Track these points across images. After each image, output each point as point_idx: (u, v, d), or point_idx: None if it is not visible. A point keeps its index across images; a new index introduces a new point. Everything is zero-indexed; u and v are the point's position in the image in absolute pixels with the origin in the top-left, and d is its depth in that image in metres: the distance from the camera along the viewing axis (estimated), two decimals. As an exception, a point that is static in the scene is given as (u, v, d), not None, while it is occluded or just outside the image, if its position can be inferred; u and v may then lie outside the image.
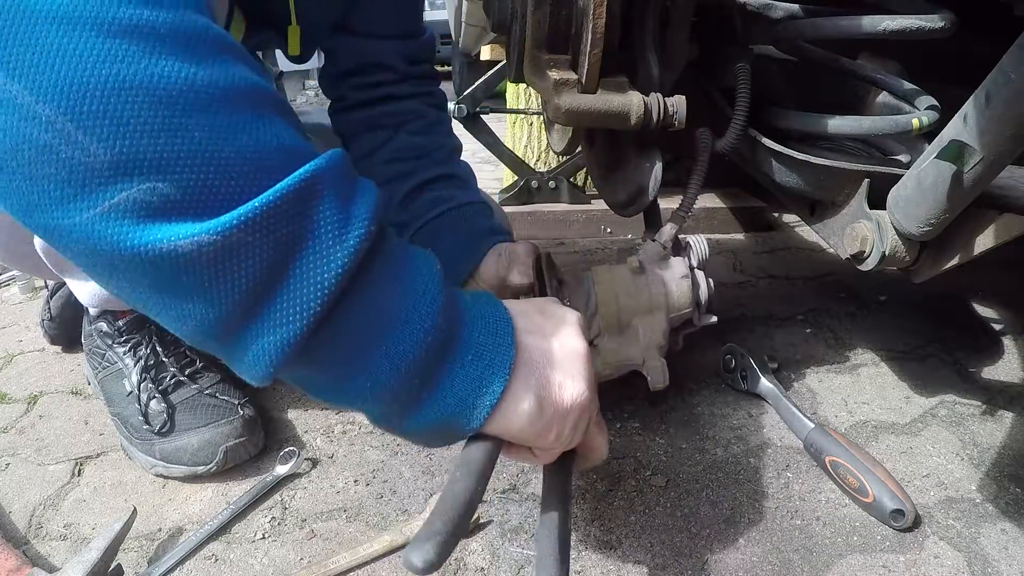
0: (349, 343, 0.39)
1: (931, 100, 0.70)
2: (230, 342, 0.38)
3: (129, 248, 0.34)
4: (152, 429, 0.79)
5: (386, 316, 0.40)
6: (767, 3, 0.76)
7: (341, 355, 0.39)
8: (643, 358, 0.76)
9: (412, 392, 0.42)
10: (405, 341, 0.40)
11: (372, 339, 0.40)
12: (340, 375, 0.40)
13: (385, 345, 0.40)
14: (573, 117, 0.70)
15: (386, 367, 0.40)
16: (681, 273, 0.78)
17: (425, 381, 0.42)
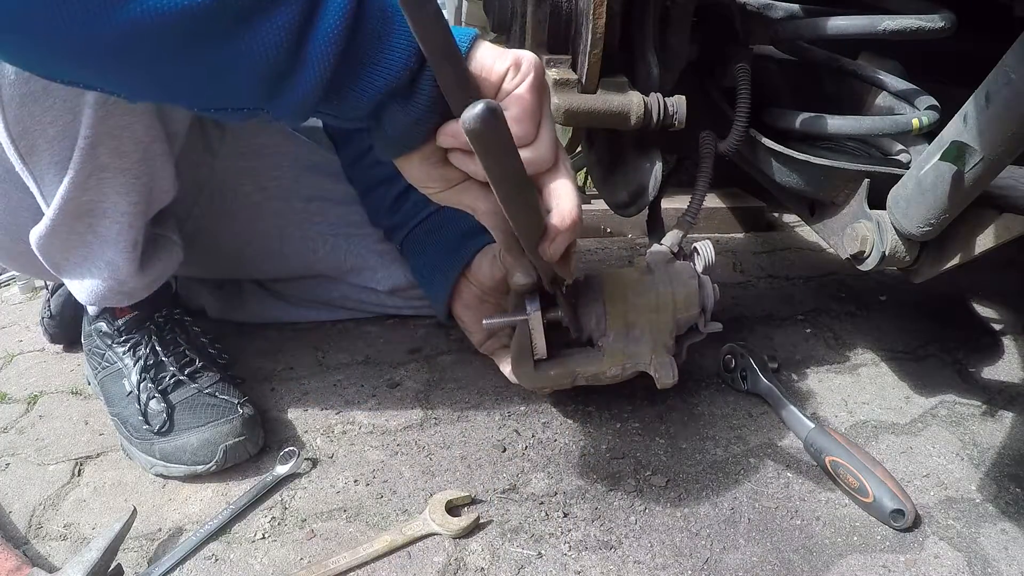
0: (364, 46, 0.47)
1: (931, 100, 0.71)
2: (277, 87, 0.46)
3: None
4: (152, 429, 0.79)
5: (386, 24, 0.47)
6: (767, 3, 0.76)
7: (362, 55, 0.47)
8: (651, 356, 0.76)
9: (376, 108, 0.50)
10: (397, 53, 0.47)
11: (382, 37, 0.47)
12: (341, 82, 0.48)
13: (379, 56, 0.47)
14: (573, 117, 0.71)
15: (367, 91, 0.48)
16: (688, 275, 0.78)
17: (372, 115, 0.51)
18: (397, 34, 0.47)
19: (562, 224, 0.54)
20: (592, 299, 0.78)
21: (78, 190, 0.68)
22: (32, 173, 0.68)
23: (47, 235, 0.72)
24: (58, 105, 0.63)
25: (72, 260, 0.76)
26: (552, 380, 0.78)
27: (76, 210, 0.70)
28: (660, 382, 0.76)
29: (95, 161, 0.67)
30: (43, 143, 0.65)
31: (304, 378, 0.98)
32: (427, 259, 0.97)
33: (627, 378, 0.79)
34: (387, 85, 0.48)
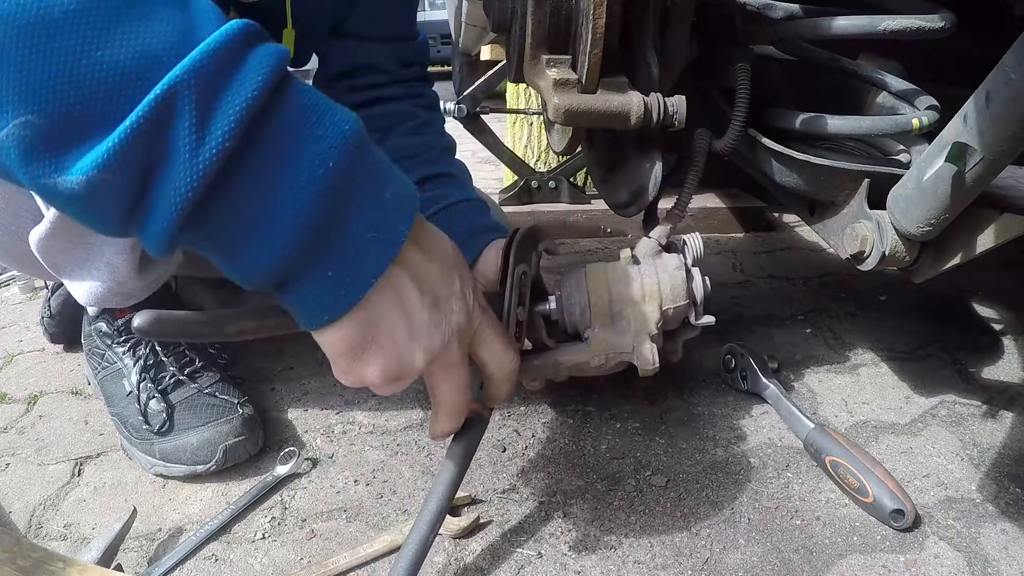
0: (214, 239, 0.40)
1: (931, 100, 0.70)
2: (128, 234, 0.39)
3: (23, 179, 0.35)
4: (152, 429, 0.79)
5: (246, 220, 0.39)
6: (767, 3, 0.76)
7: (211, 246, 0.40)
8: (632, 346, 0.76)
9: (266, 285, 0.43)
10: (260, 250, 0.40)
11: (230, 242, 0.40)
12: (214, 257, 0.41)
13: (238, 252, 0.40)
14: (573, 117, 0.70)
15: (240, 267, 0.41)
16: (675, 265, 0.77)
17: (282, 283, 0.42)
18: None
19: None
20: (576, 290, 0.77)
21: None
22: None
23: (47, 237, 0.71)
24: None
25: (72, 261, 0.76)
26: (535, 371, 0.77)
27: None
28: (641, 369, 0.75)
29: None
30: None
31: (304, 378, 0.98)
32: None
33: (613, 369, 0.78)
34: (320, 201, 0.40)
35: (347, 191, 0.41)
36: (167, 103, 0.34)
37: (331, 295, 0.43)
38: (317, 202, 0.39)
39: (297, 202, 0.39)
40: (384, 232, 0.44)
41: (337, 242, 0.41)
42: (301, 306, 0.43)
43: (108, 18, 0.34)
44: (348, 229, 0.41)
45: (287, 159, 0.39)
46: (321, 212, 0.39)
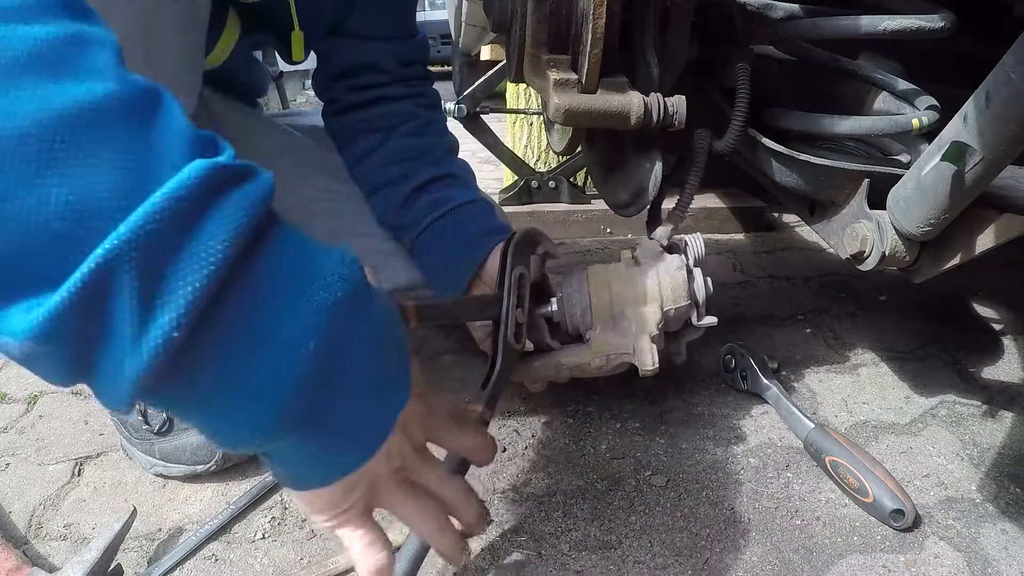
0: (181, 412, 0.36)
1: (931, 100, 0.70)
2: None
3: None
4: (151, 429, 0.79)
5: (211, 407, 0.35)
6: (767, 3, 0.76)
7: (179, 413, 0.37)
8: (633, 346, 0.76)
9: (243, 451, 0.41)
10: (229, 431, 0.36)
11: (199, 419, 0.36)
12: (189, 418, 0.37)
13: (211, 427, 0.36)
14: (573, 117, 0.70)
15: (216, 438, 0.37)
16: (676, 266, 0.77)
17: (263, 450, 0.39)
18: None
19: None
20: (577, 291, 0.77)
21: None
22: None
23: None
24: None
25: None
26: (536, 372, 0.77)
27: None
28: (641, 369, 0.75)
29: None
30: None
31: (304, 378, 0.98)
32: (440, 259, 0.97)
33: (614, 370, 0.78)
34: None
35: (330, 374, 0.36)
36: (102, 277, 0.29)
37: (317, 470, 0.41)
38: (296, 390, 0.34)
39: (274, 388, 0.34)
40: (376, 412, 0.41)
41: (340, 393, 0.37)
42: (284, 473, 0.41)
43: (45, 150, 0.28)
44: (336, 410, 0.37)
45: (257, 338, 0.33)
46: (302, 399, 0.35)
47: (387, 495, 0.46)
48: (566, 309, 0.77)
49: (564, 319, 0.78)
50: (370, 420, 0.41)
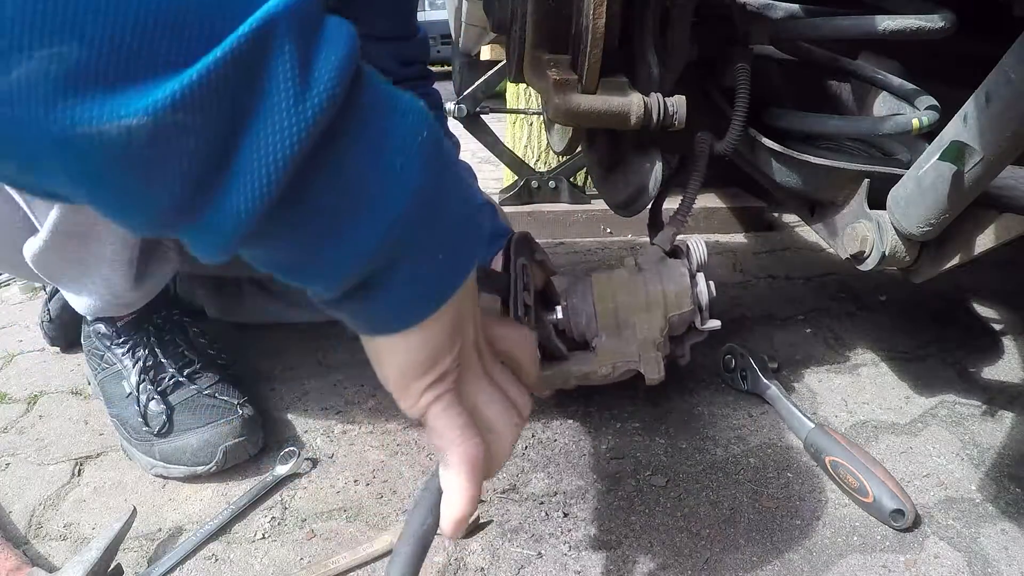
0: (305, 226, 0.33)
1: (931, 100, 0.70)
2: (179, 228, 0.31)
3: (45, 134, 0.26)
4: (151, 430, 0.79)
5: (350, 196, 0.33)
6: (767, 3, 0.76)
7: (296, 237, 0.33)
8: (639, 355, 0.76)
9: (353, 285, 0.36)
10: (363, 229, 0.33)
11: (330, 222, 0.33)
12: (292, 257, 0.35)
13: (342, 232, 0.33)
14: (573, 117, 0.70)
15: (338, 258, 0.34)
16: (679, 272, 0.78)
17: (375, 275, 0.36)
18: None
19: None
20: (582, 300, 0.78)
21: (70, 212, 0.67)
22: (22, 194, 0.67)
23: (41, 252, 0.71)
24: None
25: (68, 275, 0.75)
26: (545, 381, 0.78)
27: (69, 231, 0.69)
28: (648, 378, 0.76)
29: None
30: None
31: (304, 378, 0.98)
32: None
33: (620, 377, 0.79)
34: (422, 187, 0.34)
35: (435, 195, 0.35)
36: (265, 35, 0.28)
37: (436, 282, 0.38)
38: (423, 171, 0.34)
39: (405, 169, 0.33)
40: (468, 244, 0.39)
41: (441, 216, 0.36)
42: (396, 302, 0.37)
43: None
44: (448, 209, 0.36)
45: (384, 126, 0.33)
46: (428, 182, 0.34)
47: (473, 378, 0.44)
48: (571, 317, 0.78)
49: (569, 327, 0.78)
50: (464, 251, 0.39)
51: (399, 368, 0.41)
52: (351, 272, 0.35)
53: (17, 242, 0.73)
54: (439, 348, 0.40)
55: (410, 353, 0.40)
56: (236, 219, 0.30)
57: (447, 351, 0.41)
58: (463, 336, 0.42)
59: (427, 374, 0.41)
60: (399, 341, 0.39)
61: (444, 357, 0.41)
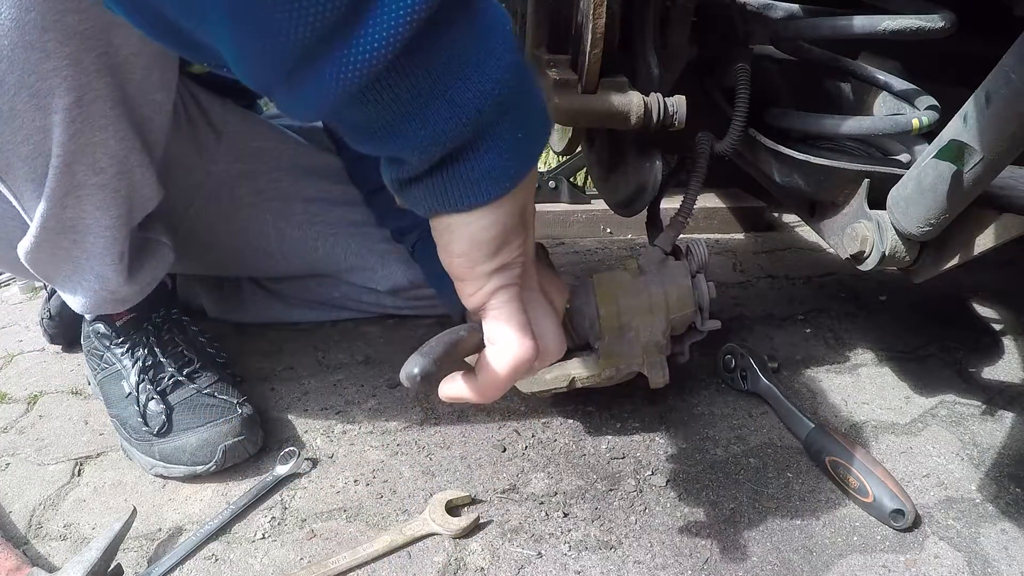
0: (416, 83, 0.35)
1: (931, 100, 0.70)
2: (294, 77, 0.34)
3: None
4: (151, 430, 0.79)
5: (458, 60, 0.35)
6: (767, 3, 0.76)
7: (404, 95, 0.35)
8: (643, 357, 0.77)
9: (450, 149, 0.38)
10: (471, 90, 0.36)
11: (439, 82, 0.35)
12: (395, 117, 0.36)
13: (450, 91, 0.36)
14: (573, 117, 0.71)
15: (444, 115, 0.36)
16: (681, 274, 0.78)
17: (470, 141, 0.38)
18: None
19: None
20: (585, 303, 0.78)
21: (57, 208, 0.67)
22: (11, 190, 0.67)
23: (33, 250, 0.71)
24: (27, 125, 0.61)
25: (61, 273, 0.75)
26: (548, 384, 0.78)
27: (58, 227, 0.69)
28: (652, 382, 0.77)
29: (72, 179, 0.65)
30: (18, 161, 0.63)
31: (304, 378, 0.98)
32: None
33: (623, 379, 0.80)
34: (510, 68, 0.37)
35: (521, 80, 0.38)
36: None
37: (516, 157, 0.39)
38: (513, 53, 0.37)
39: (503, 43, 0.37)
40: (543, 105, 0.41)
41: (526, 97, 0.39)
42: (484, 171, 0.39)
43: None
44: (531, 86, 0.39)
45: (485, 6, 0.37)
46: (517, 63, 0.38)
47: (530, 287, 0.46)
48: (575, 320, 0.78)
49: (572, 330, 0.78)
50: (538, 134, 0.41)
51: (470, 244, 0.41)
52: (452, 133, 0.36)
53: (13, 240, 0.73)
54: (510, 229, 0.42)
55: (482, 230, 0.41)
56: (375, 49, 0.32)
57: (516, 234, 0.42)
58: (528, 230, 0.43)
59: (495, 256, 0.42)
60: (473, 218, 0.40)
61: (513, 240, 0.42)
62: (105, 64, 0.61)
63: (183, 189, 0.92)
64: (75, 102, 0.61)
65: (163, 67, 0.68)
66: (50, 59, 0.57)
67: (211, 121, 0.95)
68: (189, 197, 0.95)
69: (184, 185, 0.92)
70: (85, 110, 0.62)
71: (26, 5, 0.54)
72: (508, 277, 0.43)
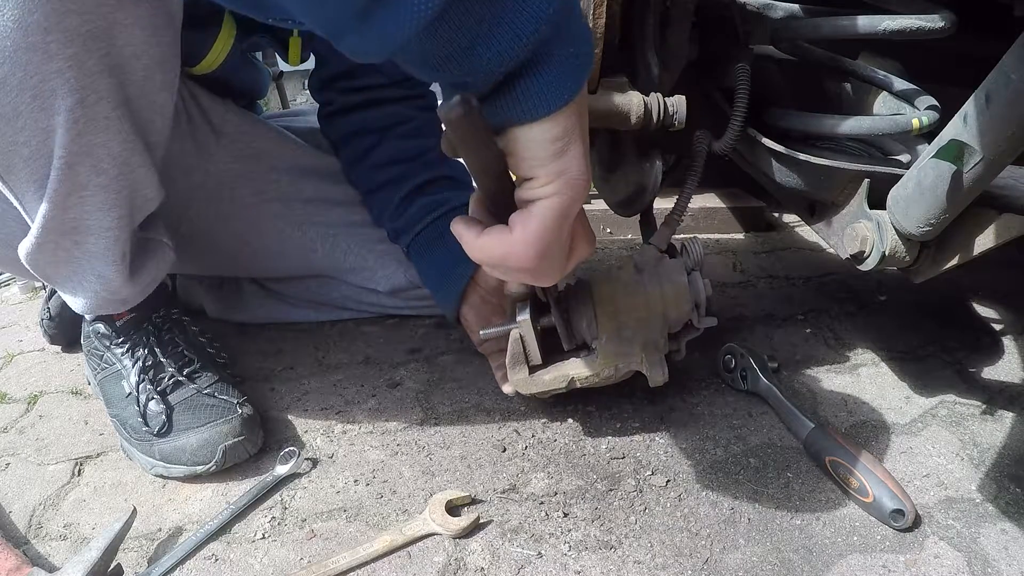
0: (480, 11, 0.39)
1: (931, 100, 0.70)
2: (371, 11, 0.37)
3: None
4: (151, 430, 0.79)
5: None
6: (767, 3, 0.76)
7: (470, 22, 0.40)
8: (641, 356, 0.77)
9: (512, 68, 0.42)
10: (528, 11, 0.40)
11: (501, 7, 0.40)
12: (463, 44, 0.41)
13: (510, 14, 0.40)
14: (573, 117, 0.70)
15: (507, 37, 0.41)
16: (677, 272, 0.78)
17: (530, 60, 0.42)
18: None
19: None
20: (582, 303, 0.78)
21: (59, 209, 0.67)
22: (13, 191, 0.67)
23: (34, 251, 0.71)
24: (29, 126, 0.61)
25: (62, 274, 0.75)
26: (547, 385, 0.78)
27: (60, 228, 0.69)
28: (651, 380, 0.77)
29: (74, 180, 0.65)
30: (19, 162, 0.63)
31: (304, 378, 0.98)
32: (435, 263, 0.97)
33: (622, 378, 0.80)
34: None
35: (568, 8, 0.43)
36: None
37: (572, 71, 0.43)
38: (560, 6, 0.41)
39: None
40: (587, 27, 0.46)
41: (574, 19, 0.43)
42: (546, 84, 0.43)
43: None
44: (577, 10, 0.44)
45: None
46: (561, 12, 0.41)
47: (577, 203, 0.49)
48: (572, 320, 0.78)
49: (570, 330, 0.78)
50: (587, 52, 0.45)
51: (535, 149, 0.46)
52: (515, 53, 0.41)
53: (13, 240, 0.73)
54: (570, 134, 0.46)
55: (545, 137, 0.45)
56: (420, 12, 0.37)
57: (575, 144, 0.46)
58: (584, 143, 0.47)
59: (559, 159, 0.46)
60: (536, 129, 0.45)
61: (570, 150, 0.46)
62: (107, 65, 0.61)
63: (183, 189, 0.92)
64: (77, 103, 0.61)
65: (165, 68, 0.68)
66: (53, 60, 0.57)
67: (211, 122, 0.95)
68: (189, 198, 0.95)
69: (184, 185, 0.92)
70: (87, 111, 0.62)
71: (29, 7, 0.54)
72: (565, 185, 0.46)
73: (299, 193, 1.03)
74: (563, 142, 0.46)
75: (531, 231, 0.47)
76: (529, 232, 0.47)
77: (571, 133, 0.46)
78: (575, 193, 0.47)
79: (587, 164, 0.48)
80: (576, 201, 0.48)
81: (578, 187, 0.47)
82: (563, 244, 0.51)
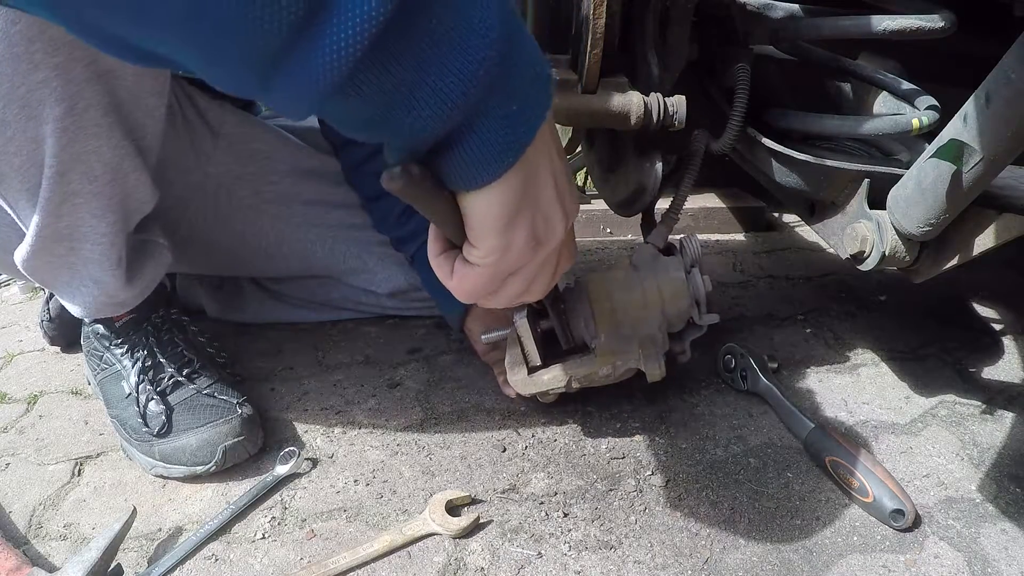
0: (397, 75, 0.34)
1: (931, 100, 0.70)
2: (270, 77, 0.33)
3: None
4: (151, 431, 0.79)
5: (438, 45, 0.34)
6: (767, 3, 0.76)
7: (386, 86, 0.34)
8: (639, 352, 0.77)
9: (441, 135, 0.38)
10: (453, 74, 0.35)
11: (420, 71, 0.34)
12: (381, 109, 0.36)
13: (433, 78, 0.35)
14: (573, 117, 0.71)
15: (430, 103, 0.36)
16: (674, 268, 0.78)
17: (462, 124, 0.38)
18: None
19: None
20: (579, 302, 0.78)
21: (52, 217, 0.66)
22: (6, 200, 0.67)
23: (29, 258, 0.70)
24: (19, 136, 0.61)
25: (59, 280, 0.75)
26: (546, 385, 0.79)
27: (54, 235, 0.69)
28: (649, 375, 0.77)
29: (66, 188, 0.65)
30: (11, 172, 0.63)
31: (304, 378, 0.98)
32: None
33: (621, 377, 0.79)
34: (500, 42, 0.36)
35: (509, 51, 0.37)
36: None
37: (511, 134, 0.39)
38: (501, 20, 0.35)
39: (485, 17, 0.35)
40: (541, 70, 0.40)
41: (515, 70, 0.37)
42: (480, 152, 0.39)
43: None
44: (521, 56, 0.38)
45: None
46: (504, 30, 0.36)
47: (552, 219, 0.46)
48: (570, 320, 0.78)
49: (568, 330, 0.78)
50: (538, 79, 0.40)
51: (482, 217, 0.43)
52: (441, 120, 0.36)
53: (10, 245, 0.73)
54: (521, 200, 0.43)
55: (491, 206, 0.42)
56: (337, 59, 0.31)
57: (529, 206, 0.44)
58: (543, 193, 0.44)
59: (506, 231, 0.44)
60: (480, 196, 0.42)
61: (524, 208, 0.43)
62: (95, 72, 0.61)
63: (181, 191, 0.92)
64: (66, 112, 0.60)
65: (155, 72, 0.67)
66: (38, 70, 0.57)
67: (208, 123, 0.95)
68: (187, 199, 0.94)
69: (182, 187, 0.92)
70: (77, 119, 0.61)
71: (12, 17, 0.54)
72: (504, 259, 0.45)
73: (298, 195, 1.02)
74: (508, 216, 0.42)
75: (469, 283, 0.47)
76: (468, 283, 0.47)
77: (518, 202, 0.42)
78: (517, 262, 0.46)
79: (540, 231, 0.45)
80: (518, 265, 0.46)
81: (523, 258, 0.45)
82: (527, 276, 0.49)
